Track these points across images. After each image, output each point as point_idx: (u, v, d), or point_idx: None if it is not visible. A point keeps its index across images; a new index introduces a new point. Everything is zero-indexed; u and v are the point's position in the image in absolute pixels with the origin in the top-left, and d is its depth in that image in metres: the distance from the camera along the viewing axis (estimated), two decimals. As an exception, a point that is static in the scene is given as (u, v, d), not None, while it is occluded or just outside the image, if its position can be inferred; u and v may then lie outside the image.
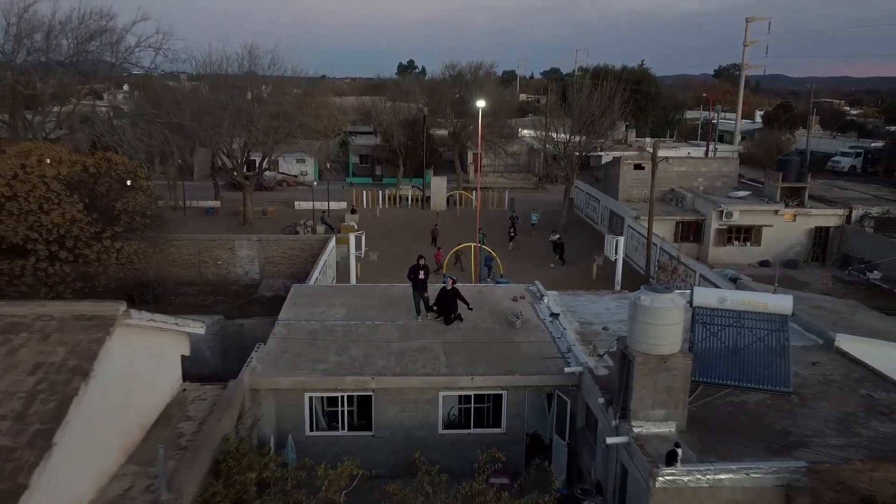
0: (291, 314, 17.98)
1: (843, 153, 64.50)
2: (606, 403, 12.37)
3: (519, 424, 14.86)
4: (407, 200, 51.28)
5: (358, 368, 14.73)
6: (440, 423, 14.65)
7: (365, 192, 50.92)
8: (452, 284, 17.71)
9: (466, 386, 14.49)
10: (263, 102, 43.21)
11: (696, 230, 36.06)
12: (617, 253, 27.01)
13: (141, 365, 11.74)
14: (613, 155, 47.27)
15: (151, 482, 10.02)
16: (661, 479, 10.02)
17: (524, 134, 65.44)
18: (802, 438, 11.26)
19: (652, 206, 31.63)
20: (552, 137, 46.12)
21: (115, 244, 21.81)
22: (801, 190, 36.39)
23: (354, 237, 27.74)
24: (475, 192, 42.30)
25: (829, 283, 32.07)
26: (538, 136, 58.66)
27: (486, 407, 14.90)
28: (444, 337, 16.61)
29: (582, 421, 14.21)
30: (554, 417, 14.78)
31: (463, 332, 16.98)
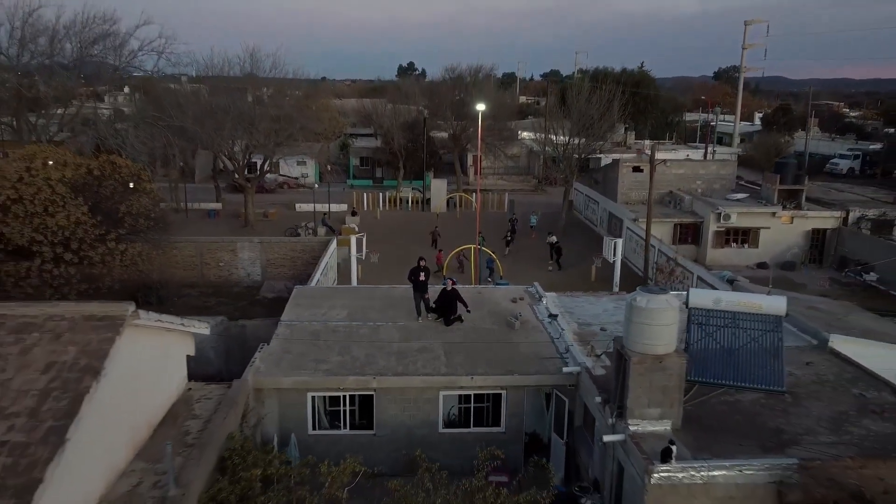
0: (294, 315, 18.21)
1: (841, 155, 64.65)
2: (603, 402, 12.60)
3: (518, 423, 15.08)
4: (407, 202, 51.47)
5: (359, 368, 14.95)
6: (440, 421, 14.87)
7: (365, 194, 51.08)
8: (452, 286, 17.92)
9: (466, 385, 14.71)
10: (264, 105, 43.39)
11: (694, 232, 36.26)
12: (615, 255, 27.26)
13: (148, 364, 11.99)
14: (612, 157, 47.56)
15: (159, 478, 10.26)
16: (656, 475, 10.25)
17: (524, 136, 65.50)
18: (795, 437, 11.49)
19: (650, 208, 31.83)
20: (552, 140, 46.24)
21: (119, 246, 22.06)
22: (798, 192, 36.55)
23: (355, 239, 27.98)
24: (475, 194, 42.51)
25: (825, 284, 32.29)
26: (538, 138, 58.91)
27: (485, 406, 15.11)
28: (444, 337, 16.83)
29: (580, 420, 14.44)
30: (552, 416, 15.00)
31: (463, 332, 17.20)
